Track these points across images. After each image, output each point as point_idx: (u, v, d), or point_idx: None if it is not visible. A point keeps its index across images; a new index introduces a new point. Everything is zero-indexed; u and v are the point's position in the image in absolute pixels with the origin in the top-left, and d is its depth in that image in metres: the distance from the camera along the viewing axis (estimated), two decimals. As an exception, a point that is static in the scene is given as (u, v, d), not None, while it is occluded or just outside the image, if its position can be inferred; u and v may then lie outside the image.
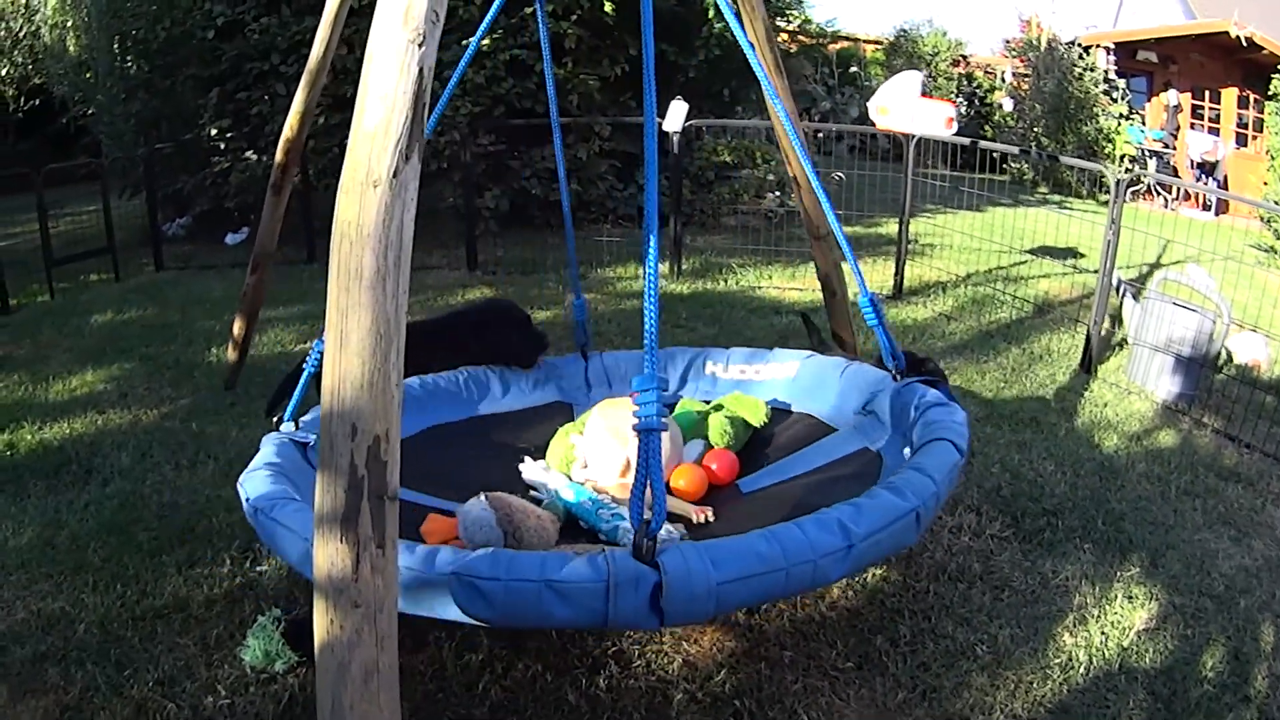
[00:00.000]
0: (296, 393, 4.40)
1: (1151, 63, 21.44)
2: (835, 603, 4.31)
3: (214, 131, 12.28)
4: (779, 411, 5.25)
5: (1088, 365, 7.57)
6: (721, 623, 4.08)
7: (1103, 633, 4.14)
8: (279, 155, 6.47)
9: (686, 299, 9.46)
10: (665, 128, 10.04)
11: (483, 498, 3.74)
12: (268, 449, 4.09)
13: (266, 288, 6.94)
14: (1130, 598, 4.41)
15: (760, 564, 2.93)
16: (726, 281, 10.28)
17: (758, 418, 5.04)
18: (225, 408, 6.60)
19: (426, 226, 11.47)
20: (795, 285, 9.86)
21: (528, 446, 4.99)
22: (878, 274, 10.17)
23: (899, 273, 9.80)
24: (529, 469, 4.64)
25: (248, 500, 3.61)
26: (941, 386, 4.75)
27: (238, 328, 6.86)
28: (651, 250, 3.02)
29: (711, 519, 4.24)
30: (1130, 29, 22.63)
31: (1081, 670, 3.91)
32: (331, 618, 2.45)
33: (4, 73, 16.15)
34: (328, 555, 2.44)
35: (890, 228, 9.98)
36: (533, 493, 4.49)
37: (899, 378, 4.78)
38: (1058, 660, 3.96)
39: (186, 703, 3.57)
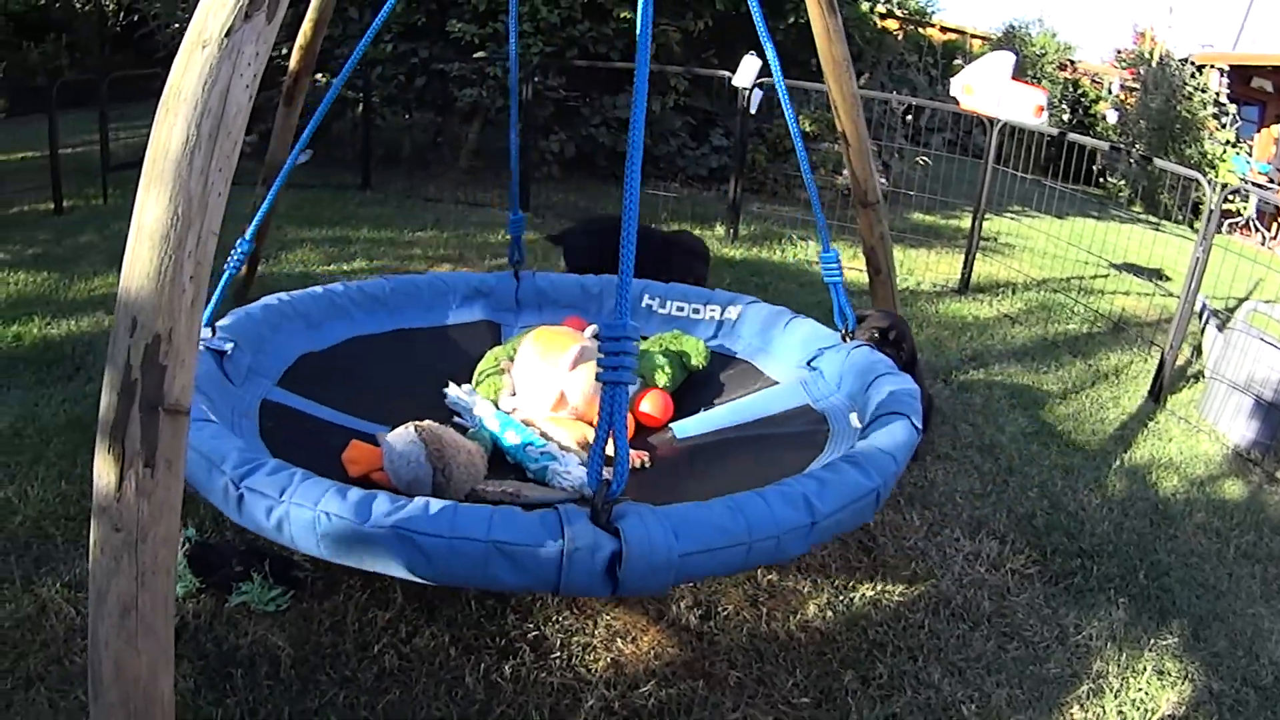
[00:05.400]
0: (215, 295, 4.05)
1: (1266, 92, 20.56)
2: (808, 622, 3.76)
3: (284, 51, 11.89)
4: (718, 356, 5.08)
5: (1157, 394, 6.86)
6: (669, 623, 3.69)
7: (1120, 712, 3.50)
8: (292, 63, 6.15)
9: (736, 264, 9.09)
10: (735, 82, 9.73)
11: (411, 428, 3.55)
12: None
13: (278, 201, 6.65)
14: (1161, 673, 3.75)
15: (723, 537, 2.77)
16: (784, 252, 9.91)
17: (698, 359, 4.86)
18: None
19: (489, 165, 11.43)
20: (855, 266, 9.17)
21: (451, 367, 4.83)
22: (946, 266, 9.68)
23: (967, 266, 9.20)
24: (455, 394, 4.50)
25: None
26: (890, 352, 4.66)
27: None
28: (633, 173, 2.76)
29: (647, 464, 4.09)
30: (1248, 53, 21.62)
31: (1088, 755, 3.29)
32: (95, 539, 2.22)
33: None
34: (97, 467, 2.19)
35: (969, 222, 9.49)
36: (456, 419, 4.35)
37: (849, 338, 4.67)
38: (1060, 737, 3.33)
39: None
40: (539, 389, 4.36)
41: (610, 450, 2.64)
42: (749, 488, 3.02)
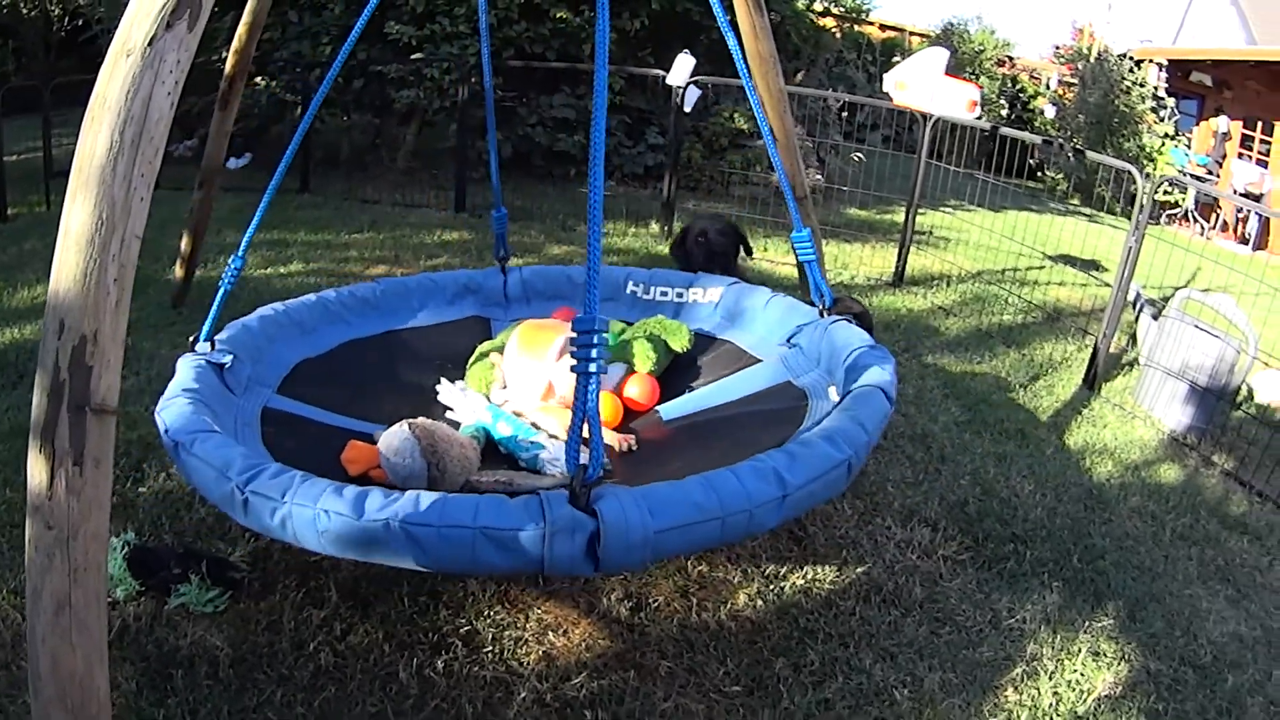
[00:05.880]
0: (212, 310, 4.13)
1: (1205, 85, 20.81)
2: (738, 612, 3.75)
3: (224, 55, 11.93)
4: (701, 338, 5.12)
5: (1092, 381, 6.89)
6: (600, 616, 3.70)
7: (1055, 693, 3.50)
8: (228, 68, 6.16)
9: (670, 261, 8.77)
10: (669, 81, 9.76)
11: (405, 426, 3.61)
12: (184, 373, 3.88)
13: (214, 204, 6.76)
14: (1096, 654, 3.76)
15: (697, 513, 2.84)
16: (717, 248, 9.65)
17: (680, 342, 4.88)
18: (166, 325, 6.45)
19: (425, 166, 11.43)
20: (791, 261, 9.22)
21: (444, 364, 4.95)
22: (880, 260, 9.74)
23: (901, 259, 9.22)
24: (446, 391, 4.60)
25: (166, 432, 3.37)
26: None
27: (185, 245, 6.71)
28: (597, 170, 2.71)
29: (634, 447, 4.17)
30: (1187, 48, 21.84)
31: (1021, 736, 3.30)
32: (29, 537, 2.30)
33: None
34: (30, 467, 2.29)
35: (904, 217, 9.51)
36: (449, 414, 4.45)
37: (826, 314, 4.65)
38: (994, 720, 3.32)
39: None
40: (527, 381, 4.44)
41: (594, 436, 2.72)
42: (732, 465, 3.08)
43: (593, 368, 2.68)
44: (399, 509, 2.76)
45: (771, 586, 3.91)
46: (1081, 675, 3.61)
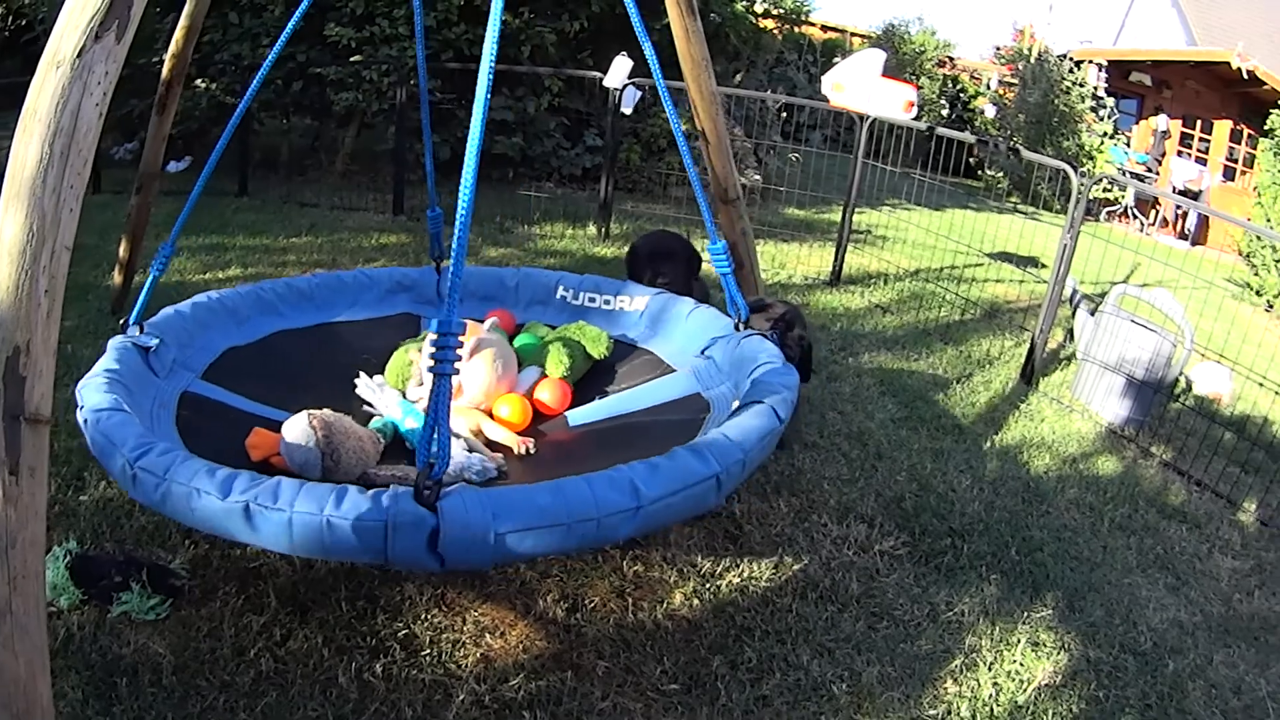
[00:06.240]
0: (142, 295, 4.26)
1: (1145, 85, 21.06)
2: (675, 611, 3.74)
3: (165, 57, 11.82)
4: (622, 345, 5.17)
5: (1029, 376, 6.96)
6: (536, 617, 3.68)
7: (995, 684, 3.52)
8: (165, 71, 6.05)
9: (607, 263, 9.04)
10: (606, 83, 9.78)
11: (304, 416, 3.73)
12: (109, 354, 4.00)
13: (153, 209, 6.61)
14: (1036, 644, 3.78)
15: (541, 517, 2.89)
16: (655, 251, 9.66)
17: (598, 350, 4.94)
18: (106, 332, 6.13)
19: (364, 169, 11.30)
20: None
21: (370, 358, 4.94)
22: (818, 259, 9.74)
23: (838, 258, 9.23)
24: (363, 385, 4.62)
25: (81, 409, 3.50)
26: (789, 339, 4.89)
27: (123, 250, 6.56)
28: (470, 179, 2.93)
29: (532, 450, 4.20)
30: (1126, 49, 22.09)
31: (961, 728, 3.30)
32: None
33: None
34: None
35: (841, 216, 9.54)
36: (366, 408, 4.49)
37: (741, 327, 4.65)
38: (933, 712, 3.35)
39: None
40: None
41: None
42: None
43: (447, 370, 2.79)
44: (258, 493, 2.86)
45: (708, 585, 3.90)
46: (1021, 665, 3.62)
